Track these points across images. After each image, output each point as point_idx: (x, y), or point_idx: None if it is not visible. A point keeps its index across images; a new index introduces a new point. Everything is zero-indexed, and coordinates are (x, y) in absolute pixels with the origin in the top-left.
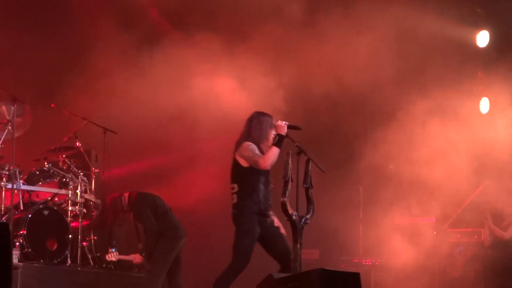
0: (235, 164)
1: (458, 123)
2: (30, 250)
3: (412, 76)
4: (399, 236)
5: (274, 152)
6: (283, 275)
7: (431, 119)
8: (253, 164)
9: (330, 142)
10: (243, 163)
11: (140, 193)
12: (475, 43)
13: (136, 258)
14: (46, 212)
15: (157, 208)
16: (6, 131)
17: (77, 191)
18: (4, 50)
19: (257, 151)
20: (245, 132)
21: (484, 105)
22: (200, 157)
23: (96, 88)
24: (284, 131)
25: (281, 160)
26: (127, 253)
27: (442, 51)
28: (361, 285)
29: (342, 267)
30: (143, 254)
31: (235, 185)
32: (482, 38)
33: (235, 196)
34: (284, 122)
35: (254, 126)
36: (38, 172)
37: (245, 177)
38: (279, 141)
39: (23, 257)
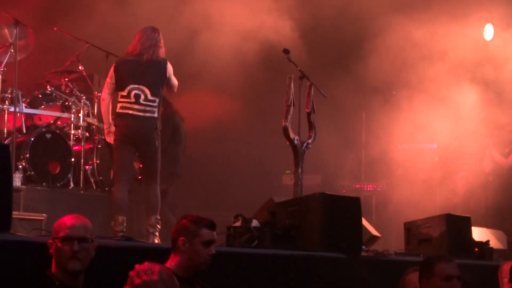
0: (162, 77)
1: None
2: (32, 173)
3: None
4: (401, 162)
5: None
6: (283, 199)
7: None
8: (175, 87)
9: (334, 68)
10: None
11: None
12: None
13: None
14: (48, 136)
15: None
16: (8, 54)
17: (80, 114)
18: None
19: None
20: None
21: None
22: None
23: (99, 10)
24: None
25: (283, 85)
26: None
27: None
28: (361, 210)
29: (344, 192)
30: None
31: (157, 99)
32: None
33: (156, 110)
34: None
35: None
36: (40, 96)
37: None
38: None
39: (26, 180)
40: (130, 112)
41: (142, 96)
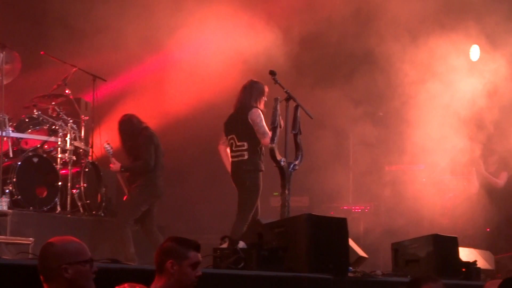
0: (246, 123)
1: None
2: (19, 197)
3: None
4: (389, 183)
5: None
6: (270, 220)
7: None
8: (260, 134)
9: (322, 90)
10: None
11: (153, 131)
12: None
13: (115, 164)
14: (35, 160)
15: (157, 152)
16: None
17: (67, 138)
18: None
19: (264, 122)
20: (244, 98)
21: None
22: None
23: (87, 35)
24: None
25: (270, 106)
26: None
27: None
28: (349, 231)
29: (332, 214)
30: (123, 169)
31: (245, 143)
32: None
33: (245, 153)
34: None
35: (252, 93)
36: (27, 120)
37: (254, 136)
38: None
39: (13, 204)
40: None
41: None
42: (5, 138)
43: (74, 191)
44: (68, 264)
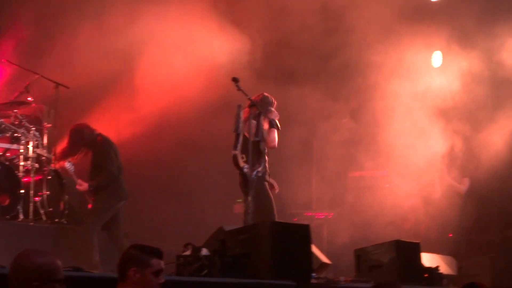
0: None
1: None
2: None
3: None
4: (352, 190)
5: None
6: (233, 227)
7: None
8: (272, 144)
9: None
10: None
11: (108, 137)
12: None
13: (82, 184)
14: None
15: (116, 159)
16: None
17: (29, 146)
18: None
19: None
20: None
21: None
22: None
23: (49, 42)
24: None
25: (233, 113)
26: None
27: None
28: (312, 237)
29: (295, 221)
30: (91, 188)
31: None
32: None
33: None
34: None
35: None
36: None
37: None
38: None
39: None
40: None
41: None
42: None
43: (37, 198)
44: (39, 282)
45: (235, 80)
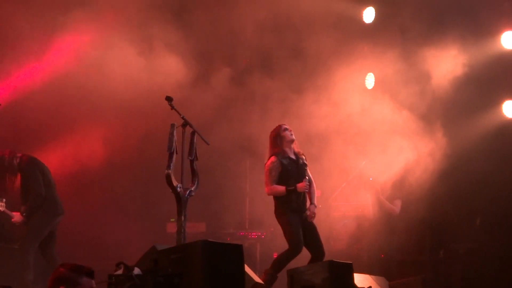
0: None
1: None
2: None
3: (296, 52)
4: None
5: (280, 190)
6: (166, 246)
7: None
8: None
9: (218, 115)
10: None
11: (32, 157)
12: (362, 19)
13: (17, 216)
14: None
15: (44, 177)
16: None
17: None
18: None
19: (273, 173)
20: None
21: (370, 80)
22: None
23: None
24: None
25: (166, 132)
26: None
27: (328, 26)
28: (244, 257)
29: (228, 240)
30: (24, 215)
31: None
32: (368, 14)
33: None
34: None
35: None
36: None
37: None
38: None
39: None
40: None
41: None
42: None
43: None
44: None
45: (168, 99)
